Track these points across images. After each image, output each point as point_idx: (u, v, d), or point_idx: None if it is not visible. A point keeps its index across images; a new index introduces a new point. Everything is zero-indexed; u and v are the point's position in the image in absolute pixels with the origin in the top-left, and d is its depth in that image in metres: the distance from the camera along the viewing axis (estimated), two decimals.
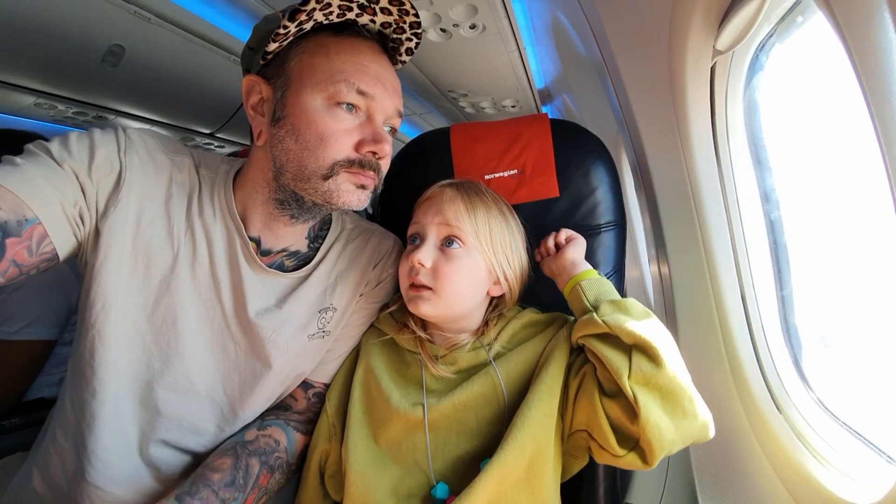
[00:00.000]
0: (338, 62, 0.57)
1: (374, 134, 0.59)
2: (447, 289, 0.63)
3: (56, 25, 1.13)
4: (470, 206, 0.66)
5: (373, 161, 0.60)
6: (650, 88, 0.72)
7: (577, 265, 0.65)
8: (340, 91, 0.56)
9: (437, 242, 0.66)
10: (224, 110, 1.92)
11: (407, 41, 0.64)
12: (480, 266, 0.66)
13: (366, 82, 0.58)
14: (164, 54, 1.38)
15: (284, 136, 0.58)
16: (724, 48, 0.55)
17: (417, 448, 0.63)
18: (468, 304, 0.66)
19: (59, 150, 0.54)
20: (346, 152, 0.58)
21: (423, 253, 0.64)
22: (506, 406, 0.62)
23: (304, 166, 0.57)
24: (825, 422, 0.55)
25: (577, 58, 1.19)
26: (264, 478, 0.63)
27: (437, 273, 0.63)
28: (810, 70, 0.56)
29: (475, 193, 0.68)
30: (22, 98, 1.45)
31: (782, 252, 0.63)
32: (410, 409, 0.64)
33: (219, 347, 0.64)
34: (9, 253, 0.50)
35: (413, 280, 0.65)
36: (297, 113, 0.57)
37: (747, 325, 0.65)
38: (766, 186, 0.64)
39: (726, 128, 0.63)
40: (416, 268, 0.64)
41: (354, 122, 0.59)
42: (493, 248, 0.67)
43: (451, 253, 0.64)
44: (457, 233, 0.65)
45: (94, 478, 0.58)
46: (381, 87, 0.59)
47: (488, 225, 0.66)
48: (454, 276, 0.63)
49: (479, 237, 0.65)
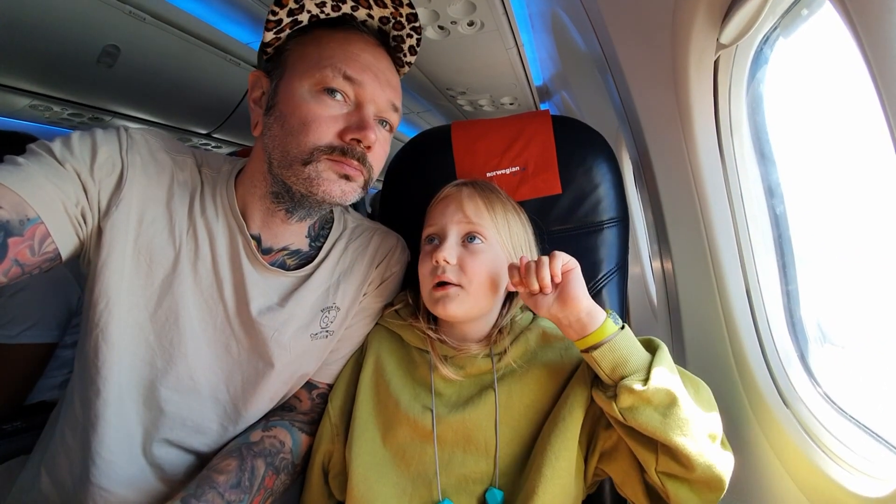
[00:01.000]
0: (327, 49, 0.57)
1: (359, 121, 0.57)
2: (475, 283, 0.62)
3: (51, 25, 1.12)
4: (489, 203, 0.67)
5: (357, 150, 0.58)
6: (652, 83, 0.71)
7: (592, 316, 0.54)
8: (326, 76, 0.56)
9: (459, 239, 0.66)
10: (221, 110, 1.91)
11: (408, 38, 0.63)
12: (502, 261, 0.66)
13: (353, 68, 0.57)
14: (160, 54, 1.38)
15: (273, 122, 0.58)
16: (729, 42, 0.55)
17: (424, 459, 0.62)
18: (492, 300, 0.66)
19: (61, 149, 0.54)
20: (327, 138, 0.56)
21: (446, 250, 0.63)
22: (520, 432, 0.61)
23: (287, 151, 0.57)
24: (832, 416, 0.55)
25: (576, 53, 1.19)
26: (270, 479, 0.63)
27: (465, 268, 0.63)
28: (816, 64, 0.55)
29: (491, 191, 0.69)
30: (17, 100, 1.44)
31: (787, 246, 0.63)
32: (420, 415, 0.63)
33: (221, 346, 0.64)
34: (11, 252, 0.49)
35: (440, 278, 0.63)
36: (285, 100, 0.57)
37: (753, 320, 0.64)
38: (770, 181, 0.64)
39: (730, 122, 0.63)
40: (442, 265, 0.63)
41: (341, 109, 0.58)
42: (513, 242, 0.67)
43: (474, 248, 0.64)
44: (478, 229, 0.65)
45: (98, 479, 0.57)
46: (372, 76, 0.58)
47: (507, 220, 0.67)
48: (481, 269, 0.63)
49: (500, 232, 0.66)
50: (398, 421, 0.64)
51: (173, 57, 1.40)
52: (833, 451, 0.52)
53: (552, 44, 1.44)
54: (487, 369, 0.65)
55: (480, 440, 0.61)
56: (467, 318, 0.66)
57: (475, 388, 0.65)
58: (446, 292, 0.62)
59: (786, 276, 0.63)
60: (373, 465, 0.63)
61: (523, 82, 1.84)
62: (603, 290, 0.81)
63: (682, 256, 0.77)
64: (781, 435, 0.58)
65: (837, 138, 0.56)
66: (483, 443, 0.61)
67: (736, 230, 0.66)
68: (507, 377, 0.64)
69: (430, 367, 0.67)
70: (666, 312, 0.93)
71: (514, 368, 0.65)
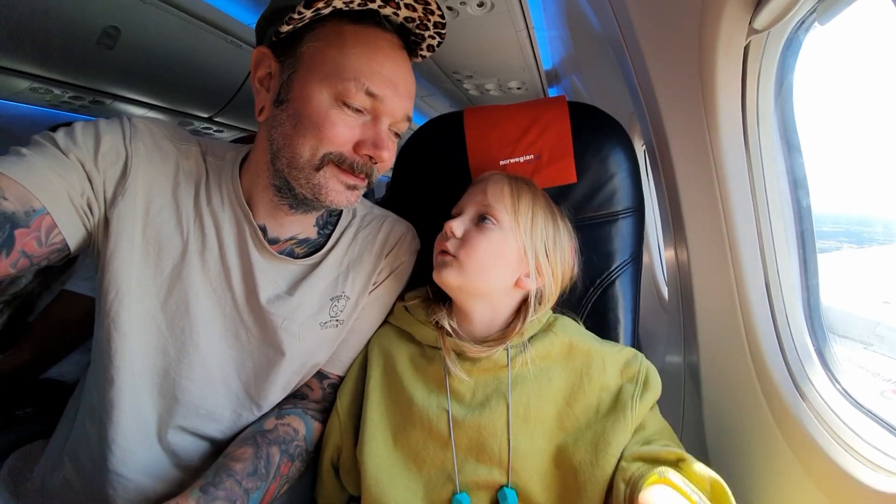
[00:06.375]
0: (352, 58, 0.55)
1: (375, 138, 0.57)
2: (471, 258, 0.63)
3: (49, 6, 1.09)
4: (515, 191, 0.67)
5: (367, 166, 0.58)
6: (674, 67, 0.69)
7: None
8: (349, 90, 0.54)
9: (472, 217, 0.67)
10: (222, 93, 1.88)
11: (430, 38, 0.61)
12: (511, 248, 0.65)
13: (377, 84, 0.55)
14: (161, 36, 1.34)
15: (285, 119, 0.57)
16: (762, 27, 0.52)
17: (437, 462, 0.62)
18: (492, 282, 0.65)
19: (64, 140, 0.54)
20: (340, 148, 0.56)
21: (456, 222, 0.65)
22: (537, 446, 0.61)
23: (300, 154, 0.56)
24: (850, 411, 0.55)
25: (590, 35, 1.15)
26: (285, 466, 0.64)
27: (465, 242, 0.64)
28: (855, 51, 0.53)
29: (524, 183, 0.69)
30: (17, 82, 1.41)
31: (809, 240, 0.62)
32: (436, 417, 0.63)
33: (231, 335, 0.64)
34: (18, 244, 0.49)
35: (441, 245, 0.66)
36: (302, 100, 0.55)
37: (771, 313, 0.64)
38: (796, 172, 0.62)
39: (756, 110, 0.61)
40: (447, 234, 0.66)
41: (358, 120, 0.57)
42: (533, 233, 0.66)
43: (483, 227, 0.65)
44: (492, 211, 0.65)
45: (115, 466, 0.58)
46: (393, 90, 0.57)
47: (531, 210, 0.66)
48: (480, 246, 0.64)
49: (518, 219, 0.65)
50: (412, 421, 0.64)
51: (174, 39, 1.37)
52: (851, 445, 0.52)
53: (564, 25, 1.40)
54: (503, 365, 0.64)
55: (494, 450, 0.61)
56: (462, 291, 0.66)
57: (490, 387, 0.64)
58: (444, 259, 0.65)
59: (807, 271, 0.62)
60: (384, 468, 0.63)
61: (532, 66, 1.79)
62: (616, 281, 0.80)
63: (699, 246, 0.76)
64: (797, 429, 0.57)
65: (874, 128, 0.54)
66: (497, 453, 0.61)
67: (758, 221, 0.64)
68: (522, 384, 0.63)
69: (445, 364, 0.66)
70: (677, 303, 0.92)
71: (531, 375, 0.63)
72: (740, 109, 0.61)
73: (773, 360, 0.62)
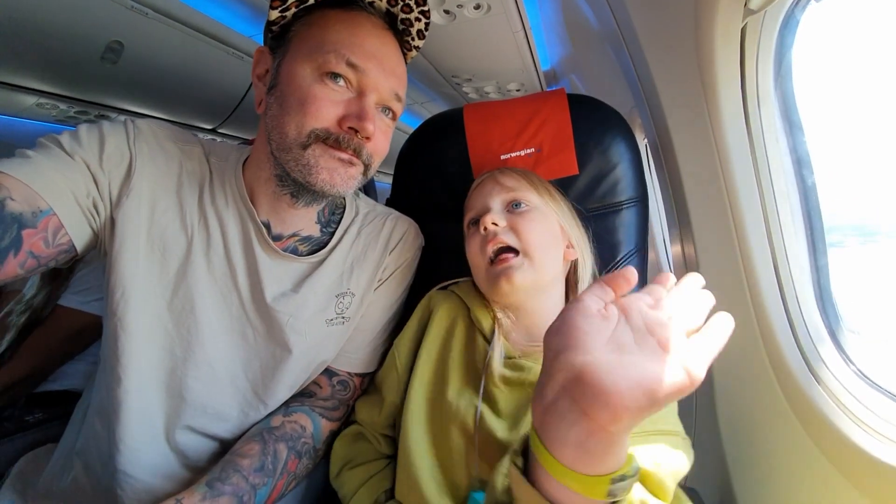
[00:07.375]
0: (332, 32, 0.56)
1: (359, 110, 0.56)
2: (533, 245, 0.58)
3: (54, 22, 1.11)
4: (525, 175, 0.67)
5: (354, 140, 0.56)
6: (673, 56, 0.69)
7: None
8: (329, 61, 0.54)
9: (503, 207, 0.64)
10: (225, 105, 1.90)
11: (416, 21, 0.61)
12: (552, 221, 0.63)
13: (358, 55, 0.55)
14: (164, 50, 1.37)
15: (273, 102, 0.57)
16: (758, 7, 0.52)
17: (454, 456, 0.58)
18: (554, 267, 0.62)
19: (69, 141, 0.55)
20: (325, 123, 0.55)
21: (490, 215, 0.60)
22: None
23: (286, 133, 0.56)
24: (865, 389, 0.54)
25: (588, 32, 1.16)
26: (293, 463, 0.63)
27: (518, 230, 0.59)
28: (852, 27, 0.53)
29: (528, 171, 0.70)
30: (24, 98, 1.44)
31: (816, 218, 0.61)
32: (463, 413, 0.58)
33: (237, 333, 0.64)
34: (26, 244, 0.50)
35: (494, 242, 0.59)
36: (287, 80, 0.56)
37: (781, 296, 0.63)
38: (799, 151, 0.61)
39: (757, 92, 0.61)
40: (491, 230, 0.60)
41: (342, 95, 0.56)
42: (559, 206, 0.65)
43: (522, 211, 0.62)
44: (520, 195, 0.63)
45: (123, 465, 0.58)
46: (377, 63, 0.57)
47: (548, 191, 0.66)
48: (535, 229, 0.59)
49: (543, 196, 0.64)
50: (442, 408, 0.61)
51: (176, 52, 1.39)
52: (869, 424, 0.51)
53: (561, 24, 1.41)
54: None
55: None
56: (535, 290, 0.59)
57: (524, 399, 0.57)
58: (509, 263, 0.58)
59: (815, 250, 0.61)
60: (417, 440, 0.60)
61: (530, 67, 1.81)
62: None
63: (706, 236, 0.75)
64: (812, 411, 0.56)
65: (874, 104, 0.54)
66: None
67: (763, 204, 0.64)
68: None
69: (487, 362, 0.58)
70: None
71: None
72: (740, 92, 0.61)
73: (785, 344, 0.61)
